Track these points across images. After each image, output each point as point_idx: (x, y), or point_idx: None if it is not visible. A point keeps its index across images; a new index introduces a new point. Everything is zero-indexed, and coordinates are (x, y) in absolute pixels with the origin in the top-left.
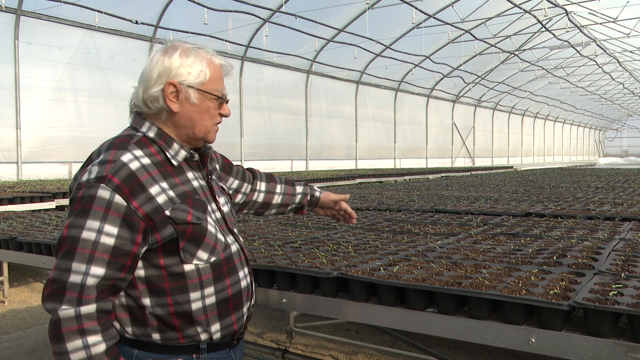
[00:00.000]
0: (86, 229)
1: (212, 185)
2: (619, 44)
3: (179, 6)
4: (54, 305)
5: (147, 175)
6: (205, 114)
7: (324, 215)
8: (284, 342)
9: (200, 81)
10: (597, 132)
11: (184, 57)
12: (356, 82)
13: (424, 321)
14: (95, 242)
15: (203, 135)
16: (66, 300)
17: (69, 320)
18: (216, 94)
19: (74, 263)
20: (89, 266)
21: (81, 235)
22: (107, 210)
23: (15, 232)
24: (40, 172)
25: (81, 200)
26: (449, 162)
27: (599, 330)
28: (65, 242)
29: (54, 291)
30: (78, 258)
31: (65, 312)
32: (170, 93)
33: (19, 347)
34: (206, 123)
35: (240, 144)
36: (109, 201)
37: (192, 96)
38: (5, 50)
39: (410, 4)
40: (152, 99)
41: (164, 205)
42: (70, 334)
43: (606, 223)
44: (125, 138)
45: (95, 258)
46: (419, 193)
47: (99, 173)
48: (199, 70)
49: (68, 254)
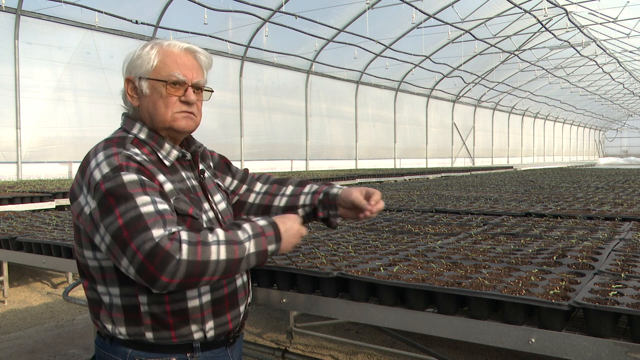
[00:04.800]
0: (140, 205)
1: (204, 184)
2: (619, 44)
3: (179, 6)
4: (173, 263)
5: (151, 166)
6: (158, 101)
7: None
8: (284, 342)
9: (147, 69)
10: (597, 132)
11: (140, 51)
12: (356, 82)
13: (424, 321)
14: (157, 210)
15: (163, 125)
16: (173, 250)
17: (193, 251)
18: (167, 79)
19: (153, 230)
20: (167, 227)
21: (142, 211)
22: (143, 187)
23: (15, 232)
24: (40, 172)
25: (111, 193)
26: (449, 162)
27: (599, 330)
28: (128, 227)
29: (157, 259)
30: (154, 226)
31: (185, 252)
32: (130, 89)
33: (19, 347)
34: (162, 112)
35: (240, 144)
36: (140, 180)
37: (144, 87)
38: (5, 50)
39: (410, 4)
40: (124, 99)
41: (169, 193)
42: (204, 252)
43: (606, 223)
44: (120, 138)
45: (167, 221)
46: (419, 193)
47: (112, 165)
48: (148, 58)
49: (142, 230)
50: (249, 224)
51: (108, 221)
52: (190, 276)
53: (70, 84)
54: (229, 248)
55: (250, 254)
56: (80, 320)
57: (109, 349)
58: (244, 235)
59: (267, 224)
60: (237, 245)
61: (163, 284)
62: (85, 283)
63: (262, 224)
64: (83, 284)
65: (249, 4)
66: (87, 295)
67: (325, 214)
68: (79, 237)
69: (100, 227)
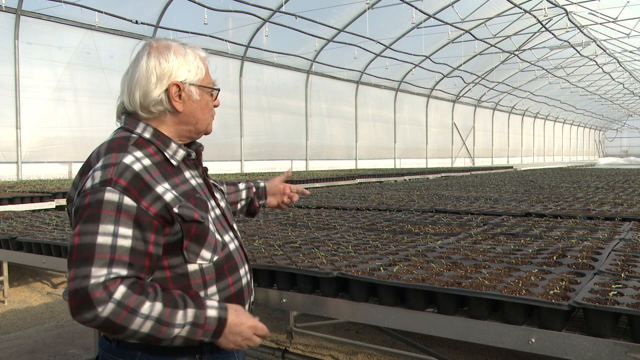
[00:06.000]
0: (100, 234)
1: (209, 183)
2: (619, 44)
3: (179, 6)
4: (92, 313)
5: (150, 177)
6: (205, 108)
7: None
8: (284, 342)
9: (199, 77)
10: (597, 132)
11: (180, 57)
12: (356, 82)
13: (424, 321)
14: (112, 245)
15: (205, 128)
16: (97, 301)
17: (116, 312)
18: (211, 86)
19: (93, 268)
20: (110, 268)
21: (96, 241)
22: (119, 212)
23: (15, 232)
24: (40, 172)
25: (89, 207)
26: (449, 162)
27: (599, 331)
28: (78, 250)
29: (81, 300)
30: (97, 263)
31: (108, 309)
32: (175, 94)
33: (19, 347)
34: (207, 116)
35: (240, 144)
36: (118, 203)
37: (195, 93)
38: (5, 50)
39: (410, 4)
40: (155, 103)
41: (171, 202)
42: (126, 319)
43: (606, 223)
44: (122, 140)
45: (116, 261)
46: (419, 193)
47: (103, 177)
48: (197, 67)
49: (85, 262)
50: (195, 311)
51: (73, 231)
52: (103, 329)
53: (70, 84)
54: (155, 326)
55: (178, 336)
56: None
57: (115, 352)
58: (182, 320)
59: (214, 317)
60: (166, 327)
61: (77, 318)
62: None
63: (210, 314)
64: None
65: (249, 4)
66: None
67: (258, 203)
68: None
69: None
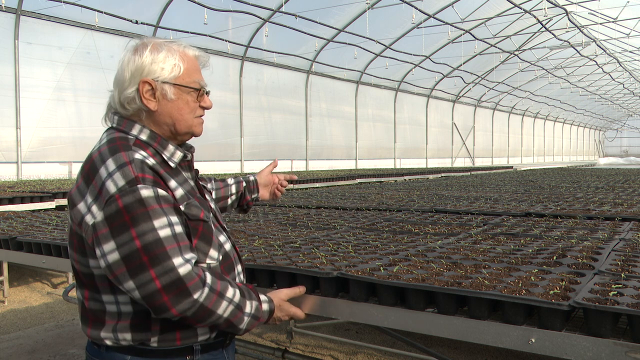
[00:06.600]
0: (158, 228)
1: (200, 185)
2: (619, 44)
3: (179, 6)
4: (189, 301)
5: (163, 171)
6: (184, 108)
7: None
8: (284, 342)
9: (174, 75)
10: (597, 132)
11: (155, 53)
12: (356, 82)
13: (424, 321)
14: (173, 235)
15: (186, 130)
16: (193, 288)
17: (209, 297)
18: (193, 86)
19: (174, 259)
20: (184, 255)
21: (160, 236)
22: (160, 204)
23: (15, 232)
24: (40, 172)
25: (128, 210)
26: (449, 162)
27: (599, 331)
28: (146, 251)
29: (178, 291)
30: (173, 253)
31: (204, 294)
32: (146, 92)
33: (19, 347)
34: (186, 117)
35: (240, 144)
36: (156, 196)
37: (169, 92)
38: (5, 50)
39: (410, 4)
40: (129, 100)
41: (180, 199)
42: (216, 303)
43: (606, 223)
44: (122, 140)
45: (182, 247)
46: (419, 193)
47: (127, 177)
48: (172, 64)
49: (162, 257)
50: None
51: (121, 240)
52: (193, 317)
53: (70, 84)
54: (234, 311)
55: (243, 324)
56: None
57: (105, 356)
58: (249, 310)
59: (267, 310)
60: (241, 314)
61: (169, 315)
62: (85, 293)
63: (265, 309)
64: (82, 294)
65: (249, 4)
66: (85, 306)
67: (250, 197)
68: (80, 245)
69: (108, 243)
